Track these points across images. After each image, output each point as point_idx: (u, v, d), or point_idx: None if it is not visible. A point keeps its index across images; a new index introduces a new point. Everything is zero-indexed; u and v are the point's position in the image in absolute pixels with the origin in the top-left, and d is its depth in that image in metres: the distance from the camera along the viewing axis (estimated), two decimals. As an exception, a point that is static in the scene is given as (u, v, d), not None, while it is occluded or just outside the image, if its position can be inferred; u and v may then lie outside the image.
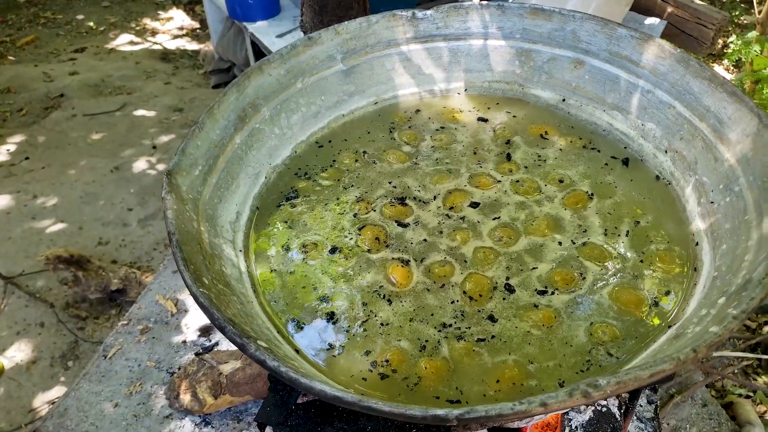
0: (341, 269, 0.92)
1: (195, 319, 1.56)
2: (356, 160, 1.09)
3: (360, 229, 0.97)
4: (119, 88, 4.23)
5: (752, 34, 2.92)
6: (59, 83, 4.20)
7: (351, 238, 0.96)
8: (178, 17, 5.38)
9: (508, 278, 0.88)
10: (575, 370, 0.78)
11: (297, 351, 0.83)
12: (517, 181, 1.02)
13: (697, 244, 0.89)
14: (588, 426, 1.04)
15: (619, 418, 1.06)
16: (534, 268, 0.89)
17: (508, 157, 1.07)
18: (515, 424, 1.05)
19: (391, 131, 1.15)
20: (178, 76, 4.46)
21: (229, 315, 0.71)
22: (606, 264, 0.89)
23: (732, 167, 0.87)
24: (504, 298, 0.86)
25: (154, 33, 5.10)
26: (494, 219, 0.97)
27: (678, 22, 2.11)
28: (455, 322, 0.84)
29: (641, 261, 0.89)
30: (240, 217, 0.99)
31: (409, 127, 1.15)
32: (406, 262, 0.91)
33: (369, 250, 0.94)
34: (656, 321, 0.81)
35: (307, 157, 1.11)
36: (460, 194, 1.01)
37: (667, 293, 0.84)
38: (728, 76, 4.43)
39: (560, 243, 0.92)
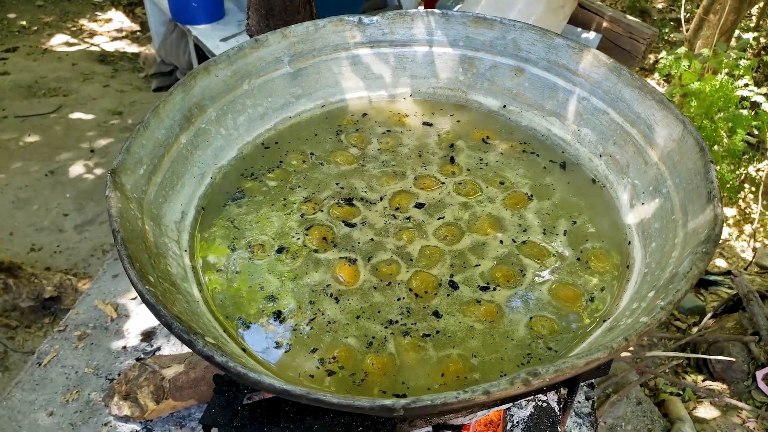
0: (288, 269, 0.92)
1: (136, 323, 1.53)
2: (303, 161, 1.10)
3: (307, 230, 0.98)
4: (54, 89, 4.09)
5: (681, 50, 3.09)
6: (-11, 83, 4.03)
7: (298, 238, 0.96)
8: (117, 19, 5.25)
9: (452, 275, 0.91)
10: (516, 363, 0.80)
11: (244, 350, 0.82)
12: (460, 183, 1.05)
13: (629, 243, 0.94)
14: (529, 421, 1.08)
15: (558, 413, 1.10)
16: (477, 266, 0.92)
17: (452, 160, 1.10)
18: (458, 421, 1.08)
19: (338, 134, 1.16)
20: (118, 79, 4.34)
21: (176, 312, 0.71)
22: (545, 261, 0.93)
23: (660, 170, 0.92)
24: (448, 295, 0.88)
25: (91, 34, 4.96)
26: (439, 219, 0.99)
27: (612, 36, 2.21)
28: (401, 319, 0.85)
29: (578, 259, 0.93)
30: (185, 217, 0.99)
31: (356, 130, 1.17)
32: (354, 261, 0.93)
33: (316, 250, 0.95)
34: (592, 316, 0.85)
35: (254, 158, 1.11)
36: (406, 195, 1.03)
37: (602, 289, 0.89)
38: (660, 89, 4.65)
39: (501, 241, 0.96)
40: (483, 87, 1.19)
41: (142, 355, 1.44)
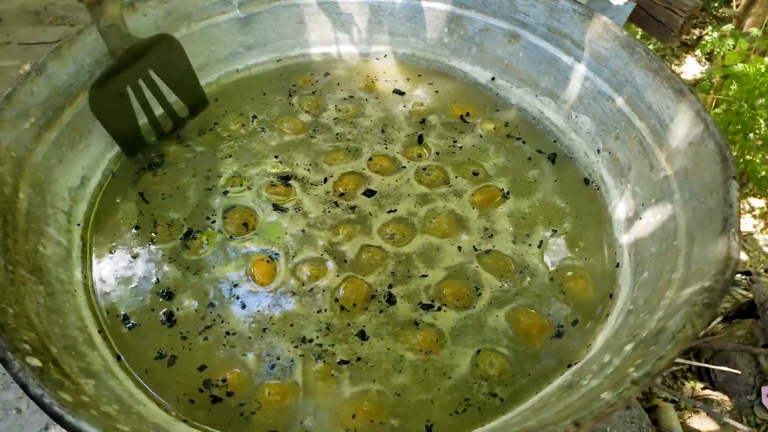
0: (194, 258, 0.76)
1: None
2: (242, 125, 0.92)
3: (226, 212, 0.80)
4: (62, 18, 3.92)
5: (727, 27, 2.79)
6: (-6, 6, 3.87)
7: (214, 221, 0.79)
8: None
9: (391, 286, 0.73)
10: (449, 410, 0.64)
11: (118, 357, 0.67)
12: (425, 169, 0.87)
13: (618, 265, 0.75)
14: None
15: None
16: (424, 276, 0.74)
17: (420, 139, 0.91)
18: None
19: (290, 95, 0.98)
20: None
21: (5, 317, 0.55)
22: (509, 278, 0.74)
23: (668, 178, 0.73)
24: (381, 311, 0.71)
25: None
26: (389, 212, 0.81)
27: (647, 5, 1.95)
28: (318, 337, 0.69)
29: (551, 279, 0.75)
30: (86, 183, 0.82)
31: (313, 92, 0.98)
32: (275, 257, 0.76)
33: (232, 237, 0.78)
34: (556, 357, 0.68)
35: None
36: (356, 178, 0.85)
37: (575, 322, 0.71)
38: (700, 68, 4.33)
39: (460, 248, 0.77)
40: (470, 53, 0.99)
41: None
